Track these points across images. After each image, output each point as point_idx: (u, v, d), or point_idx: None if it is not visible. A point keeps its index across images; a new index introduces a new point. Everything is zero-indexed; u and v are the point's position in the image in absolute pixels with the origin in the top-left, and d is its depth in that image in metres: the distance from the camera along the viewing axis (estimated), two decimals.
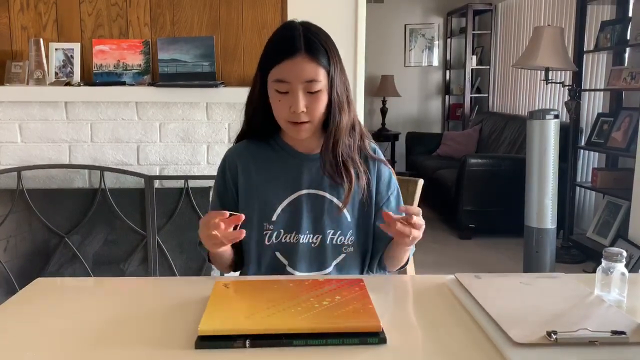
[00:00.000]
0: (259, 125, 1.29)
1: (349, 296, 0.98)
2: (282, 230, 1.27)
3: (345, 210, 1.27)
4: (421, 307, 0.92)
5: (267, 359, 0.83)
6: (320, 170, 1.26)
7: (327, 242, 1.27)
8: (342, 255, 1.29)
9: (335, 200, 1.27)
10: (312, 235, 1.27)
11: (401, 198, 1.36)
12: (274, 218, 1.27)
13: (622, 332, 0.84)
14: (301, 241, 1.26)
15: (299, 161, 1.29)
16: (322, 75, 1.19)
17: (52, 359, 0.84)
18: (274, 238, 1.27)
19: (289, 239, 1.27)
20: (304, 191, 1.27)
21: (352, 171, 1.25)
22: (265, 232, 1.27)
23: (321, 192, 1.27)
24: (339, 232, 1.28)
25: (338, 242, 1.28)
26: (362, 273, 1.32)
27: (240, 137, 1.35)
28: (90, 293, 1.18)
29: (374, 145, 1.34)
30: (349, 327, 0.87)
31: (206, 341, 0.85)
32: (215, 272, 2.60)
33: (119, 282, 1.33)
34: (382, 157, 1.34)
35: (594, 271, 1.05)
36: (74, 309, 1.03)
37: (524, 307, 0.97)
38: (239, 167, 1.30)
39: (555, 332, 0.83)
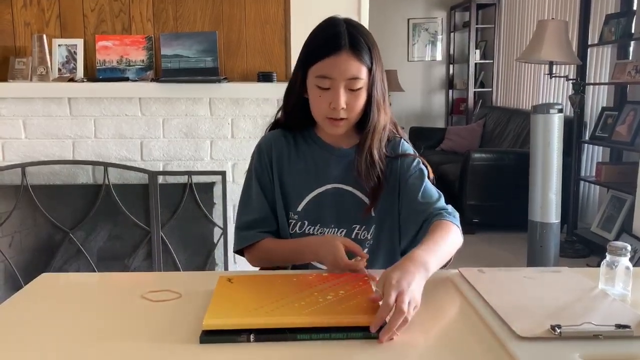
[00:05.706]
0: (297, 118, 1.29)
1: (353, 290, 0.98)
2: (305, 222, 1.27)
3: None
4: (425, 301, 0.93)
5: (271, 353, 0.83)
6: (349, 165, 1.26)
7: (351, 237, 1.26)
8: (365, 250, 1.28)
9: (358, 194, 1.27)
10: (336, 230, 1.27)
11: (426, 181, 1.30)
12: (299, 208, 1.27)
13: (627, 326, 0.84)
14: (325, 235, 1.26)
15: (328, 155, 1.29)
16: (364, 73, 1.19)
17: (57, 354, 0.85)
18: (297, 228, 1.27)
19: (313, 231, 1.27)
20: (331, 185, 1.27)
21: (384, 170, 1.25)
22: (290, 221, 1.28)
23: (347, 187, 1.27)
24: (363, 227, 1.28)
25: (361, 237, 1.28)
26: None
27: (274, 126, 1.36)
28: (94, 288, 1.18)
29: (401, 139, 1.33)
30: (353, 321, 0.87)
31: (210, 336, 0.85)
32: (220, 267, 2.61)
33: (123, 278, 1.33)
34: (410, 151, 1.32)
35: (598, 265, 1.05)
36: (78, 304, 1.04)
37: (527, 301, 0.97)
38: (274, 154, 1.30)
39: (559, 326, 0.83)
